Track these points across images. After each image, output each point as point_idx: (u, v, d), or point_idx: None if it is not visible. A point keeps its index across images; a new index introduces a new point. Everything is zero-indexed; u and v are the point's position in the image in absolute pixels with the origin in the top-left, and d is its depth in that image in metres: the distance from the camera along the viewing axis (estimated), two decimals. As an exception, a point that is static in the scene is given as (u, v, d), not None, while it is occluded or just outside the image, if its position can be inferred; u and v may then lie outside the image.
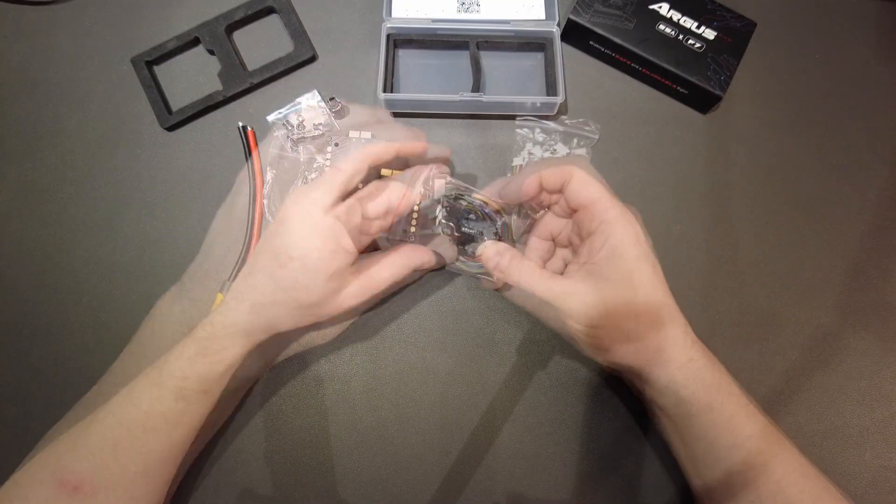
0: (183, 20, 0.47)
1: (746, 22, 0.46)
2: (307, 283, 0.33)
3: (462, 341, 0.42)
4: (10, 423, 0.40)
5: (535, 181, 0.36)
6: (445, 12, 0.46)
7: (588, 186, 0.35)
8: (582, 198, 0.35)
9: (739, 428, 0.34)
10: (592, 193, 0.34)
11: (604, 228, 0.34)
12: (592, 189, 0.35)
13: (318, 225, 0.33)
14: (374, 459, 0.39)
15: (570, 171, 0.35)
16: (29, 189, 0.44)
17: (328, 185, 0.34)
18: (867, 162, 0.46)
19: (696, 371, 0.34)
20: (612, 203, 0.34)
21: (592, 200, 0.34)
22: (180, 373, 0.33)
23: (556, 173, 0.35)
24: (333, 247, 0.33)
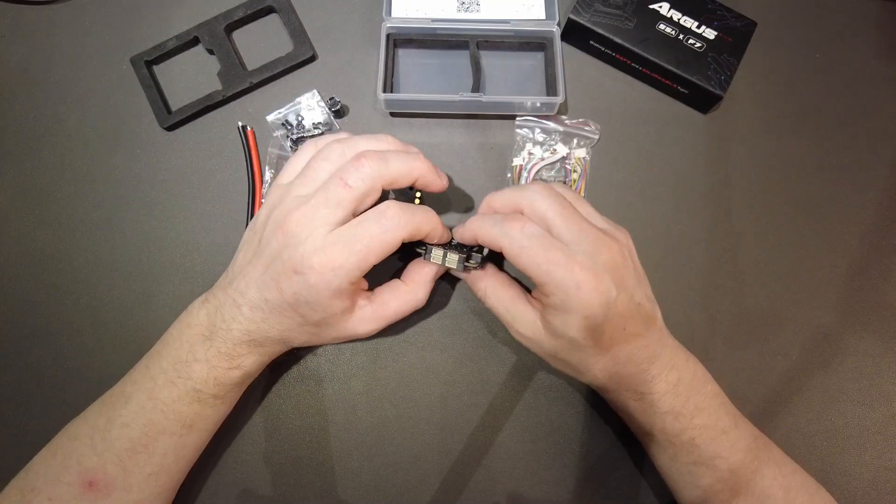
0: (182, 20, 0.47)
1: (747, 22, 0.45)
2: (310, 300, 0.32)
3: (462, 341, 0.42)
4: (9, 422, 0.40)
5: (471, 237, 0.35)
6: (445, 12, 0.46)
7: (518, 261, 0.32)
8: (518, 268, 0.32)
9: (701, 449, 0.34)
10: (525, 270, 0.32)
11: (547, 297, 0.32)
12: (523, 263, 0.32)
13: (342, 294, 0.33)
14: (374, 459, 0.39)
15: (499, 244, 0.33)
16: (28, 189, 0.44)
17: (338, 205, 0.32)
18: (867, 162, 0.46)
19: (650, 402, 0.34)
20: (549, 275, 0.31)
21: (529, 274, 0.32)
22: (199, 377, 0.33)
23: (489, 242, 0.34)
24: (353, 303, 0.34)
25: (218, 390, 0.34)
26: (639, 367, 0.34)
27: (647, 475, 0.40)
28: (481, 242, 0.35)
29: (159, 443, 0.33)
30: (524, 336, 0.35)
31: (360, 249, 0.32)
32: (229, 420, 0.40)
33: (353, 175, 0.32)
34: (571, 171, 0.44)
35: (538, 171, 0.44)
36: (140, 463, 0.33)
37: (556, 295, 0.31)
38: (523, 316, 0.35)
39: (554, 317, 0.32)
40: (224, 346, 0.34)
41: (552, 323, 0.33)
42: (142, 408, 0.33)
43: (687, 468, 0.35)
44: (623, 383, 0.34)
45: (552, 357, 0.35)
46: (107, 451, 0.32)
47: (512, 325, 0.35)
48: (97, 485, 0.32)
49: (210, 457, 0.39)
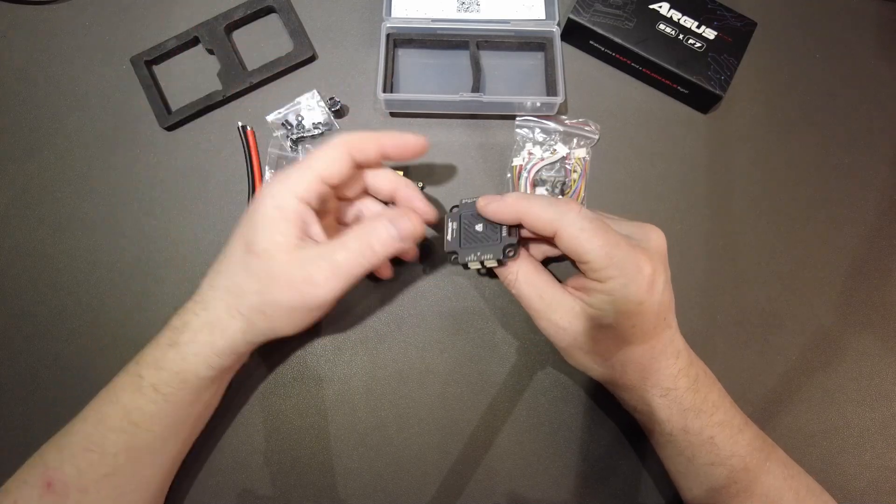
0: (182, 20, 0.47)
1: (747, 21, 0.45)
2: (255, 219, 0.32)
3: (462, 341, 0.42)
4: (9, 422, 0.40)
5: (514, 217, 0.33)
6: (445, 12, 0.46)
7: (579, 245, 0.31)
8: (574, 255, 0.32)
9: (720, 447, 0.33)
10: (585, 251, 0.31)
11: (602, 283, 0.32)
12: (584, 248, 0.31)
13: (287, 212, 0.32)
14: (374, 459, 0.39)
15: (557, 226, 0.32)
16: (28, 189, 0.44)
17: (303, 172, 0.33)
18: (867, 162, 0.46)
19: (673, 398, 0.34)
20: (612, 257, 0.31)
21: (587, 258, 0.31)
22: (145, 360, 0.33)
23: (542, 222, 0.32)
24: (300, 234, 0.32)
25: (157, 379, 0.32)
26: (667, 360, 0.33)
27: (647, 475, 0.40)
28: (528, 224, 0.33)
29: (109, 440, 0.32)
30: (557, 325, 0.33)
31: (305, 167, 0.33)
32: (229, 420, 0.40)
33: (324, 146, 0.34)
34: (571, 171, 0.44)
35: (538, 171, 0.44)
36: (93, 463, 0.32)
37: (617, 279, 0.31)
38: (561, 302, 0.33)
39: (605, 303, 0.31)
40: (177, 319, 0.33)
41: (600, 310, 0.32)
42: (101, 401, 0.33)
43: (704, 469, 0.34)
44: (652, 378, 0.33)
45: (582, 350, 0.33)
46: (66, 448, 0.32)
47: (545, 314, 0.33)
48: (54, 485, 0.31)
49: (210, 457, 0.39)
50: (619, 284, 0.31)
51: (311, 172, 0.33)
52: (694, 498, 0.35)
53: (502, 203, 0.34)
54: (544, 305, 0.34)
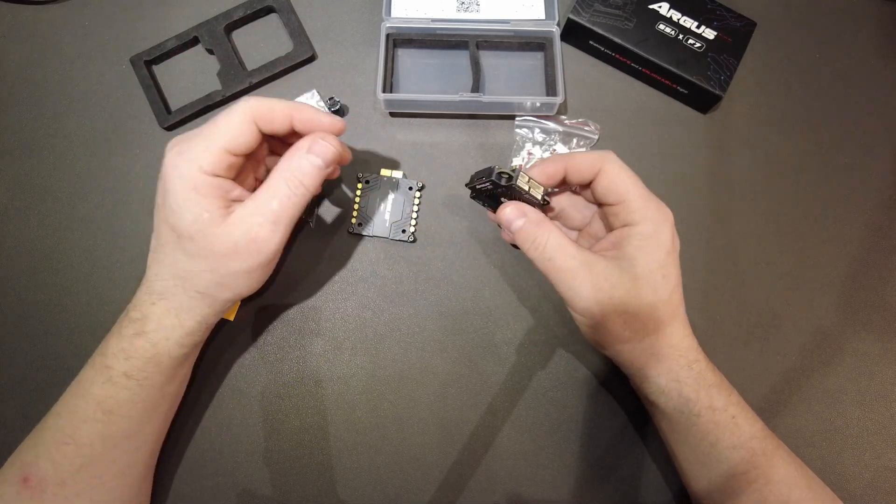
0: (182, 20, 0.47)
1: (746, 22, 0.45)
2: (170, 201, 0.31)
3: (462, 342, 0.42)
4: (8, 422, 0.40)
5: (560, 171, 0.35)
6: (445, 12, 0.46)
7: (621, 181, 0.33)
8: (613, 193, 0.33)
9: (742, 428, 0.34)
10: (627, 189, 0.33)
11: (637, 225, 0.33)
12: (626, 184, 0.33)
13: (202, 188, 0.31)
14: (374, 459, 0.39)
15: (601, 163, 0.34)
16: (28, 189, 0.44)
17: (207, 142, 0.31)
18: (867, 162, 0.46)
19: (699, 372, 0.34)
20: (648, 199, 0.33)
21: (626, 197, 0.33)
22: (110, 351, 0.33)
23: (585, 165, 0.34)
24: (223, 203, 0.32)
25: (128, 367, 0.32)
26: (687, 330, 0.34)
27: (646, 475, 0.40)
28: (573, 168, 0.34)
29: (83, 431, 0.32)
30: (594, 285, 0.32)
31: (206, 133, 0.31)
32: (229, 420, 0.40)
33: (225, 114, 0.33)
34: (571, 171, 0.44)
35: (538, 171, 0.44)
36: (68, 455, 0.32)
37: (650, 221, 0.32)
38: (595, 262, 0.32)
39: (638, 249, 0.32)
40: (134, 311, 0.33)
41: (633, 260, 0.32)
42: (70, 395, 0.33)
43: (726, 453, 0.33)
44: (680, 347, 0.34)
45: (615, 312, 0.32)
46: (41, 444, 0.32)
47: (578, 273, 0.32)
48: (31, 480, 0.31)
49: (210, 457, 0.39)
50: (653, 226, 0.32)
51: (216, 145, 0.31)
52: (711, 489, 0.35)
53: (546, 162, 0.35)
54: (578, 264, 0.32)
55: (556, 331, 0.42)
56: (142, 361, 0.33)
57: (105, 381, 0.32)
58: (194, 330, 0.34)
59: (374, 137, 0.45)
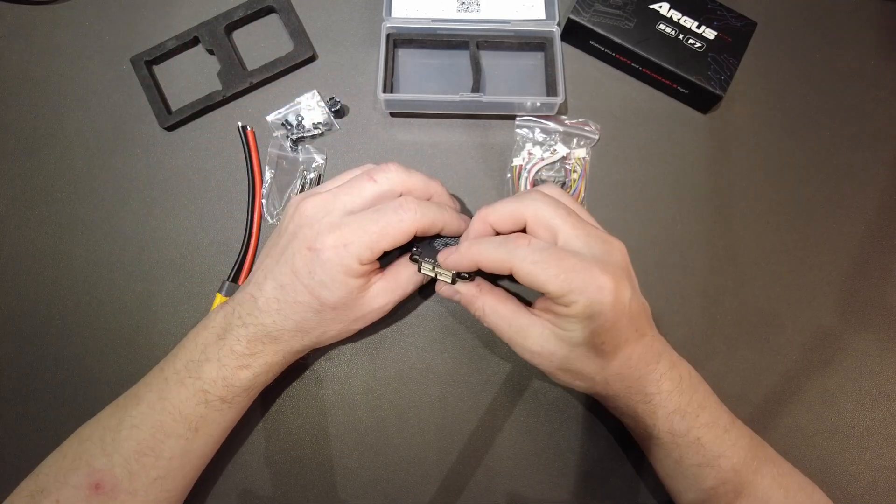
0: (182, 20, 0.47)
1: (746, 22, 0.45)
2: (324, 278, 0.33)
3: (462, 341, 0.41)
4: (9, 422, 0.40)
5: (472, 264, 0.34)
6: (445, 12, 0.46)
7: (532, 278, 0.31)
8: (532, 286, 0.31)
9: (707, 448, 0.33)
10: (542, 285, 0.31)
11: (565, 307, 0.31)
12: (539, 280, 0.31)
13: (357, 274, 0.33)
14: (374, 460, 0.39)
15: (508, 265, 0.32)
16: (28, 189, 0.44)
17: (370, 241, 0.33)
18: (867, 162, 0.46)
19: (658, 403, 0.34)
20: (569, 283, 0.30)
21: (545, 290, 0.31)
22: (208, 377, 0.33)
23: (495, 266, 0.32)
24: (367, 282, 0.35)
25: (226, 392, 0.34)
26: (647, 366, 0.33)
27: (645, 475, 0.40)
28: (485, 268, 0.33)
29: (166, 446, 0.33)
30: (531, 351, 0.33)
31: (373, 231, 0.33)
32: (229, 420, 0.40)
33: (380, 173, 0.34)
34: (571, 171, 0.44)
35: (538, 171, 0.44)
36: (146, 466, 0.32)
37: (579, 303, 0.30)
38: (529, 329, 0.33)
39: (573, 324, 0.31)
40: (237, 344, 0.34)
41: (568, 332, 0.32)
42: (151, 408, 0.33)
43: (692, 470, 0.34)
44: (634, 387, 0.34)
45: (562, 370, 0.34)
46: (115, 453, 0.32)
47: (517, 341, 0.34)
48: (103, 487, 0.32)
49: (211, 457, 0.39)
50: (583, 306, 0.30)
51: (378, 247, 0.33)
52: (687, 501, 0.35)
53: (458, 255, 0.34)
54: (514, 333, 0.34)
55: (556, 331, 0.42)
56: (240, 390, 0.34)
57: (199, 404, 0.33)
58: (289, 363, 0.37)
59: (374, 137, 0.45)
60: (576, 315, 0.31)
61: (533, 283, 0.31)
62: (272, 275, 0.34)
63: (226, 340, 0.34)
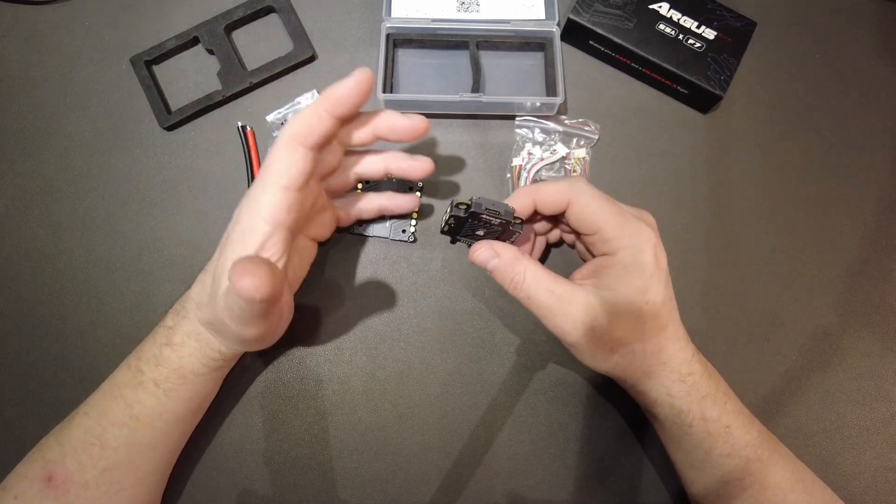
0: (182, 20, 0.47)
1: (746, 22, 0.45)
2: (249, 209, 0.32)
3: (462, 342, 0.41)
4: (8, 423, 0.40)
5: (528, 204, 0.34)
6: (445, 12, 0.46)
7: (591, 213, 0.32)
8: (585, 224, 0.33)
9: (736, 437, 0.33)
10: (597, 220, 0.32)
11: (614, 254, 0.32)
12: (596, 215, 0.32)
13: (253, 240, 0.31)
14: (374, 459, 0.39)
15: (569, 194, 0.33)
16: (28, 189, 0.44)
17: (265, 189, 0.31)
18: (867, 162, 0.46)
19: (693, 384, 0.34)
20: (623, 226, 0.32)
21: (599, 227, 0.32)
22: (145, 355, 0.33)
23: (553, 196, 0.33)
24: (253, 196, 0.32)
25: (157, 374, 0.33)
26: (679, 343, 0.33)
27: (646, 475, 0.40)
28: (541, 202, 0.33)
29: (110, 434, 0.32)
30: (574, 318, 0.32)
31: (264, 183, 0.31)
32: (229, 420, 0.40)
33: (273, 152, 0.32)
34: (571, 171, 0.44)
35: (538, 171, 0.44)
36: (94, 456, 0.32)
37: (627, 249, 0.31)
38: (574, 295, 0.32)
39: (616, 279, 0.31)
40: (169, 319, 0.34)
41: (612, 289, 0.31)
42: (101, 393, 0.34)
43: (720, 461, 0.33)
44: (669, 363, 0.33)
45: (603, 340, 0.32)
46: (66, 442, 0.32)
47: (557, 309, 0.32)
48: (56, 479, 0.31)
49: (210, 457, 0.39)
50: (630, 254, 0.31)
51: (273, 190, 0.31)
52: (706, 493, 0.35)
53: (514, 195, 0.34)
54: (556, 299, 0.32)
55: (556, 331, 0.42)
56: (169, 371, 0.33)
57: (136, 386, 0.33)
58: (213, 356, 0.34)
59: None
60: (622, 264, 0.31)
61: (587, 219, 0.32)
62: None
63: (165, 318, 0.34)
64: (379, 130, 0.34)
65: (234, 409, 0.40)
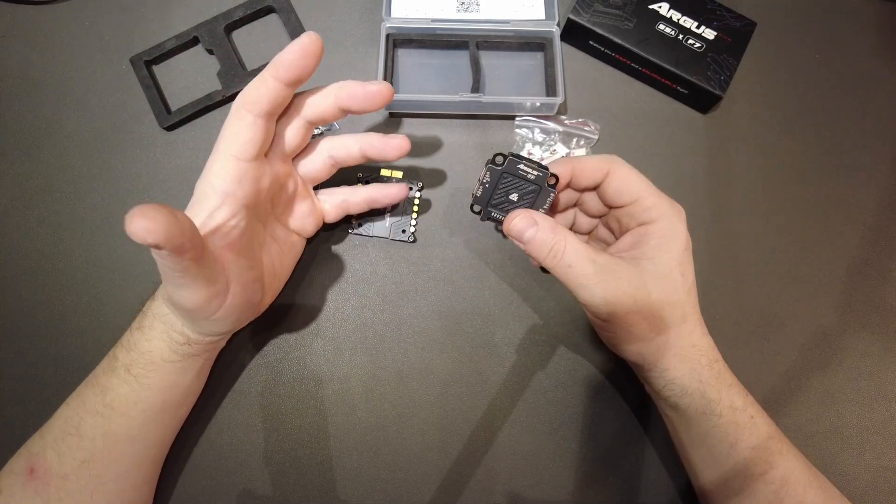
0: (182, 20, 0.47)
1: (746, 22, 0.45)
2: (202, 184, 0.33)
3: (462, 341, 0.41)
4: (8, 423, 0.40)
5: (566, 174, 0.34)
6: (445, 12, 0.46)
7: (632, 181, 0.33)
8: (626, 193, 0.33)
9: (760, 428, 0.33)
10: (639, 188, 0.33)
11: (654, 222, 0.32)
12: (637, 184, 0.33)
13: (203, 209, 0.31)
14: (374, 459, 0.39)
15: (609, 164, 0.33)
16: (28, 189, 0.44)
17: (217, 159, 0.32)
18: (867, 162, 0.46)
19: (720, 371, 0.34)
20: (661, 196, 0.33)
21: (640, 195, 0.33)
22: (126, 344, 0.33)
23: (593, 167, 0.34)
24: None
25: (129, 359, 0.33)
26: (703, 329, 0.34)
27: (646, 474, 0.40)
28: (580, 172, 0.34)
29: (86, 423, 0.32)
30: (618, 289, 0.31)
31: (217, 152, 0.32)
32: (229, 419, 0.40)
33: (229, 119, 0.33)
34: (571, 171, 0.44)
35: (538, 171, 0.44)
36: (72, 447, 0.32)
37: (665, 218, 0.32)
38: (616, 266, 0.31)
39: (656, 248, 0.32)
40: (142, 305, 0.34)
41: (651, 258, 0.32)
42: (83, 384, 0.34)
43: (745, 453, 0.32)
44: (701, 346, 0.33)
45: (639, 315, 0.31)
46: (47, 433, 0.32)
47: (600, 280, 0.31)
48: (37, 471, 0.31)
49: (209, 457, 0.39)
50: (670, 223, 0.32)
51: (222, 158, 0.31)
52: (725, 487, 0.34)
53: (555, 163, 0.34)
54: (599, 268, 0.31)
55: (556, 330, 0.42)
56: (138, 355, 0.33)
57: (110, 372, 0.33)
58: (180, 340, 0.33)
59: (374, 137, 0.45)
60: (660, 233, 0.32)
61: (628, 188, 0.33)
62: None
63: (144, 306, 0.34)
64: (341, 100, 0.33)
65: (234, 409, 0.40)
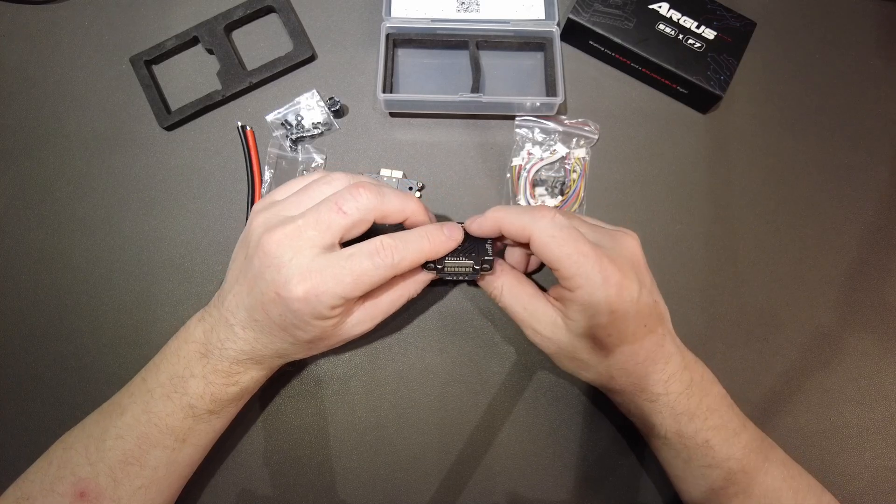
0: (182, 19, 0.47)
1: (746, 22, 0.45)
2: (297, 323, 0.32)
3: (462, 341, 0.41)
4: (8, 423, 0.40)
5: (494, 228, 0.34)
6: (445, 12, 0.46)
7: (551, 252, 0.32)
8: (546, 261, 0.32)
9: (717, 451, 0.33)
10: (558, 258, 0.31)
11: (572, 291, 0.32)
12: (557, 254, 0.31)
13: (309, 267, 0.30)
14: (374, 459, 0.39)
15: (528, 232, 0.32)
16: (28, 189, 0.44)
17: (328, 228, 0.31)
18: (867, 162, 0.46)
19: (665, 403, 0.34)
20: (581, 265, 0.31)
21: (559, 266, 0.32)
22: (194, 392, 0.33)
23: (516, 228, 0.33)
24: (320, 293, 0.31)
25: (214, 406, 0.34)
26: (655, 365, 0.33)
27: (646, 475, 0.40)
28: (505, 231, 0.34)
29: (151, 455, 0.33)
30: (541, 335, 0.34)
31: (348, 282, 0.31)
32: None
33: (349, 202, 0.31)
34: (571, 171, 0.44)
35: (538, 170, 0.44)
36: (131, 475, 0.32)
37: (584, 289, 0.31)
38: (543, 314, 0.34)
39: (577, 313, 0.32)
40: (221, 363, 0.33)
41: (574, 320, 0.32)
42: (136, 420, 0.33)
43: (700, 471, 0.34)
44: (639, 384, 0.34)
45: (569, 358, 0.35)
46: (100, 462, 0.32)
47: (529, 324, 0.35)
48: (88, 495, 0.31)
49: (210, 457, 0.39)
50: (587, 293, 0.31)
51: (353, 293, 0.31)
52: (693, 498, 0.36)
53: (482, 219, 0.35)
54: (528, 316, 0.35)
55: (555, 331, 0.42)
56: (228, 402, 0.35)
57: (187, 418, 0.33)
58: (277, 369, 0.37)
59: (374, 137, 0.45)
60: (579, 301, 0.31)
61: (547, 257, 0.32)
62: (244, 306, 0.32)
63: (209, 360, 0.33)
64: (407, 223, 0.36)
65: (233, 409, 0.40)
